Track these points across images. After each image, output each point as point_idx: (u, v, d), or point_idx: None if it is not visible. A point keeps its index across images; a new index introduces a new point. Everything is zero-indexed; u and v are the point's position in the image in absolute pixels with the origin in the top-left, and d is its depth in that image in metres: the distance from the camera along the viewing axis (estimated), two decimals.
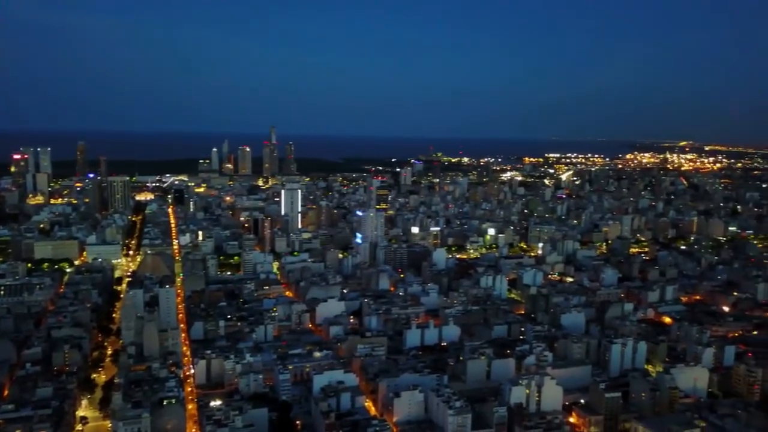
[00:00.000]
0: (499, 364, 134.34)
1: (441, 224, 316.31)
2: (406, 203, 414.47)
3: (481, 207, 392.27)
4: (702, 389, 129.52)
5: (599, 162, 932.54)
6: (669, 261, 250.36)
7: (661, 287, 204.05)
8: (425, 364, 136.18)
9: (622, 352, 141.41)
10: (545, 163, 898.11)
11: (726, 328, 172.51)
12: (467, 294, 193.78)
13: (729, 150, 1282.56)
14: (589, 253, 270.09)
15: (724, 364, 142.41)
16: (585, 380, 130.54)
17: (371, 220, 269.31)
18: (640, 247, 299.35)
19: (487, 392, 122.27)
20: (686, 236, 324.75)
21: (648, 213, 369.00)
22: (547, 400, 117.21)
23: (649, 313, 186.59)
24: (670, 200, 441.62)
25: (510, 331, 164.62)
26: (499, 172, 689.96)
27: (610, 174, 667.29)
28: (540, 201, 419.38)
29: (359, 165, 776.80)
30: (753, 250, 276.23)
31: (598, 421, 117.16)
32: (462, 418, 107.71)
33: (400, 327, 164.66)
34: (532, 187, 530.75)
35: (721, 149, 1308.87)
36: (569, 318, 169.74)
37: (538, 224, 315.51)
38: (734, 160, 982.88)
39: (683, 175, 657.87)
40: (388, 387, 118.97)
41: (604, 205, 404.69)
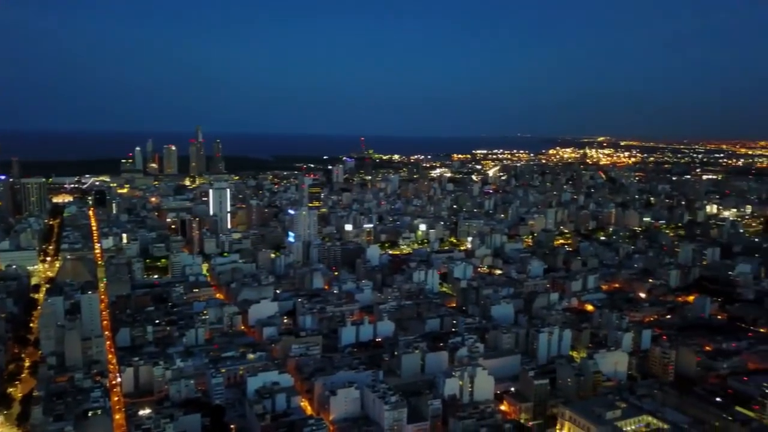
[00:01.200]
0: (432, 357, 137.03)
1: (374, 221, 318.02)
2: (338, 201, 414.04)
3: (413, 203, 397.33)
4: (622, 372, 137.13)
5: (524, 158, 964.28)
6: (590, 251, 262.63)
7: (584, 277, 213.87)
8: (360, 361, 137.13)
9: (548, 341, 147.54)
10: (473, 159, 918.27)
11: (642, 313, 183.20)
12: (401, 289, 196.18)
13: (642, 145, 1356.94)
14: (516, 245, 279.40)
15: (641, 348, 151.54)
16: (515, 369, 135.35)
17: (304, 218, 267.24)
18: (563, 238, 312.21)
19: (422, 385, 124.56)
20: (605, 227, 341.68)
21: (570, 206, 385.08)
22: (479, 390, 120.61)
23: (573, 301, 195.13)
24: (590, 193, 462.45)
25: (443, 325, 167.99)
26: (429, 169, 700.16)
27: (535, 169, 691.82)
28: (468, 196, 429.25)
29: (290, 163, 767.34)
30: (665, 239, 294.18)
31: (528, 407, 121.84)
32: (398, 412, 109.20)
33: (335, 325, 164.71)
34: (461, 183, 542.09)
35: (636, 144, 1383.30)
36: (499, 309, 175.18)
37: (467, 219, 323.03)
38: (647, 155, 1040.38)
39: (602, 170, 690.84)
40: (324, 385, 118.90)
41: (529, 199, 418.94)
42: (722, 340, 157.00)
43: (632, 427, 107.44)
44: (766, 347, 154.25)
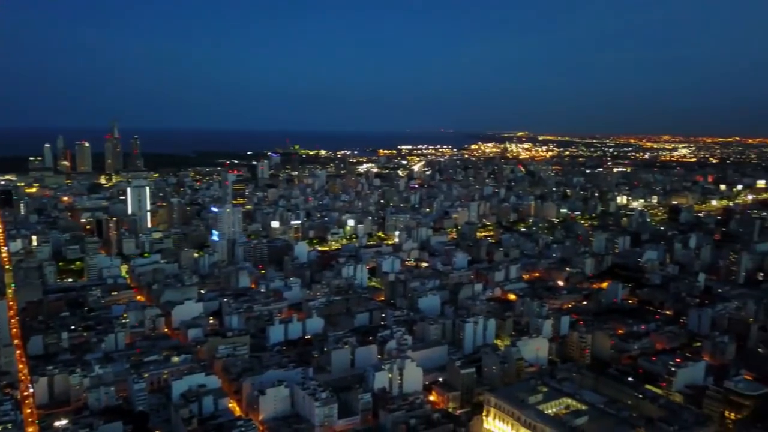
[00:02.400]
0: (362, 351, 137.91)
1: (301, 217, 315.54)
2: (264, 197, 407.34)
3: (340, 199, 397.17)
4: (543, 358, 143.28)
5: (448, 153, 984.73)
6: (511, 242, 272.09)
7: (506, 267, 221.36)
8: (290, 359, 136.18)
9: (474, 330, 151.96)
10: (398, 154, 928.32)
11: (561, 300, 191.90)
12: (330, 285, 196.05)
13: (559, 139, 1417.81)
14: (442, 238, 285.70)
15: (560, 334, 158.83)
16: (442, 359, 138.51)
17: (228, 216, 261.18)
18: (486, 230, 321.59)
19: (352, 380, 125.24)
20: (525, 219, 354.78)
21: (492, 199, 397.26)
22: (408, 382, 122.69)
23: (496, 291, 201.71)
24: (510, 187, 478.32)
25: (372, 319, 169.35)
26: (355, 164, 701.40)
27: (458, 164, 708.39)
28: (395, 191, 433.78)
29: (213, 159, 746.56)
30: (580, 230, 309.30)
31: (456, 396, 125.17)
32: (328, 408, 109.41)
33: (263, 324, 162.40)
34: (387, 178, 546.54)
35: (552, 139, 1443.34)
36: (426, 301, 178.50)
37: (394, 213, 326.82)
38: (563, 149, 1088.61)
39: (521, 164, 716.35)
40: (253, 385, 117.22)
41: (453, 193, 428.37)
42: (633, 324, 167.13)
43: (553, 409, 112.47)
44: (672, 328, 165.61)
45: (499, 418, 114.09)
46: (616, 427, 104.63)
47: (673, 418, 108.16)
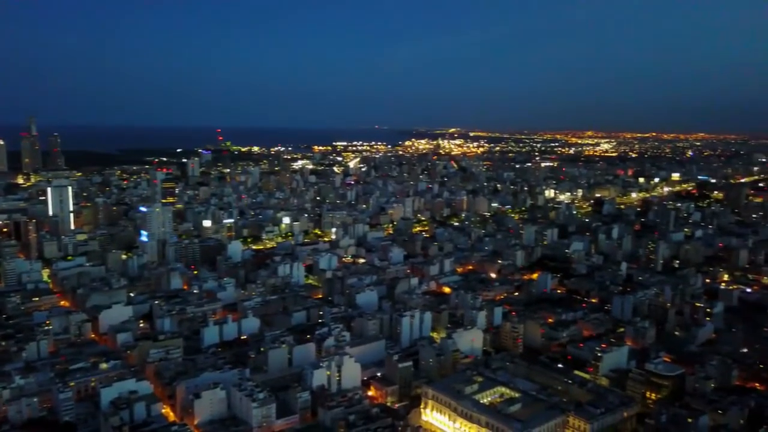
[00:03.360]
0: (300, 349, 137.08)
1: (234, 216, 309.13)
2: (195, 196, 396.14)
3: (275, 196, 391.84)
4: (478, 348, 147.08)
5: (382, 149, 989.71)
6: (445, 237, 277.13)
7: (440, 261, 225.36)
8: (226, 360, 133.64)
9: (411, 324, 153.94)
10: (334, 151, 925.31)
11: (494, 292, 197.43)
12: (265, 284, 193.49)
13: (489, 136, 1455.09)
14: (378, 234, 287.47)
15: (494, 324, 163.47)
16: (381, 354, 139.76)
17: (157, 215, 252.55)
18: (421, 226, 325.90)
19: (290, 379, 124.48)
20: (458, 213, 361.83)
21: (426, 194, 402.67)
22: (347, 378, 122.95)
23: (431, 285, 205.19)
24: (443, 182, 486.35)
25: (309, 316, 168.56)
26: (290, 160, 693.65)
27: (393, 160, 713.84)
28: (331, 188, 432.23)
29: (140, 156, 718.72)
30: (511, 223, 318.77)
31: (394, 390, 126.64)
32: (266, 409, 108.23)
33: (197, 326, 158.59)
34: (323, 174, 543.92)
35: (483, 135, 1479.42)
36: (363, 297, 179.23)
37: (331, 210, 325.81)
38: (494, 145, 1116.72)
39: (453, 159, 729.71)
40: (187, 389, 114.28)
41: (388, 189, 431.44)
42: (562, 312, 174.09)
43: (488, 398, 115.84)
44: (597, 316, 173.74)
45: (437, 409, 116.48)
46: (548, 412, 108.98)
47: (600, 401, 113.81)
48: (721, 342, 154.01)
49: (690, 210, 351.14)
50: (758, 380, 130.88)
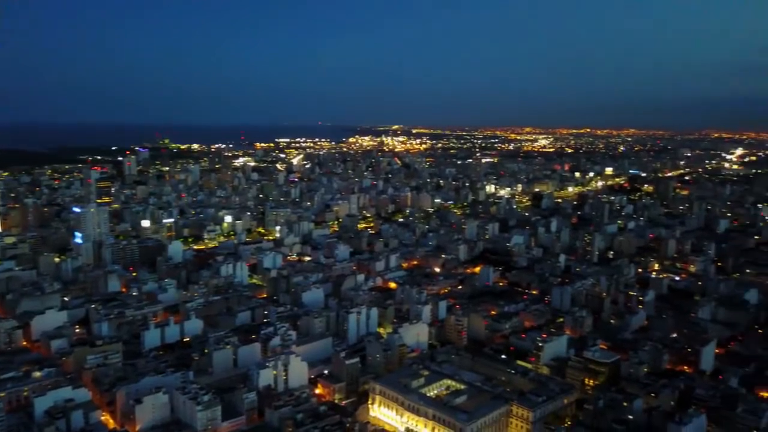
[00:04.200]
0: (245, 350, 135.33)
1: (174, 215, 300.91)
2: (133, 195, 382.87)
3: (216, 194, 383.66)
4: (424, 342, 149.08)
5: (326, 146, 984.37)
6: (390, 233, 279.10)
7: (386, 257, 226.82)
8: (168, 364, 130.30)
9: (357, 320, 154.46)
10: (276, 148, 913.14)
11: (438, 286, 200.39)
12: (208, 285, 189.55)
13: (431, 132, 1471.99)
14: (323, 231, 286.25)
15: (439, 318, 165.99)
16: (328, 352, 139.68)
17: (92, 216, 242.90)
18: (366, 222, 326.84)
19: (236, 380, 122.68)
20: (403, 209, 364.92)
21: (371, 191, 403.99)
22: (294, 377, 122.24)
23: (377, 281, 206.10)
24: (388, 179, 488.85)
25: (254, 316, 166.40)
26: (231, 158, 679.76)
27: (337, 157, 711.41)
28: (274, 185, 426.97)
29: (73, 155, 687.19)
30: (454, 218, 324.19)
31: (342, 387, 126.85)
32: (211, 411, 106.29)
33: (137, 329, 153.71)
34: (266, 172, 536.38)
35: (425, 132, 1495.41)
36: (309, 295, 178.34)
37: (274, 208, 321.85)
38: (436, 141, 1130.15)
39: (397, 156, 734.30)
40: (128, 394, 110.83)
41: (333, 186, 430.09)
42: (504, 304, 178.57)
43: (435, 391, 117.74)
44: (538, 307, 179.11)
45: (384, 404, 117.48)
46: (492, 402, 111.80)
47: (542, 389, 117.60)
48: (652, 328, 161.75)
49: (623, 203, 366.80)
50: (686, 363, 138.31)
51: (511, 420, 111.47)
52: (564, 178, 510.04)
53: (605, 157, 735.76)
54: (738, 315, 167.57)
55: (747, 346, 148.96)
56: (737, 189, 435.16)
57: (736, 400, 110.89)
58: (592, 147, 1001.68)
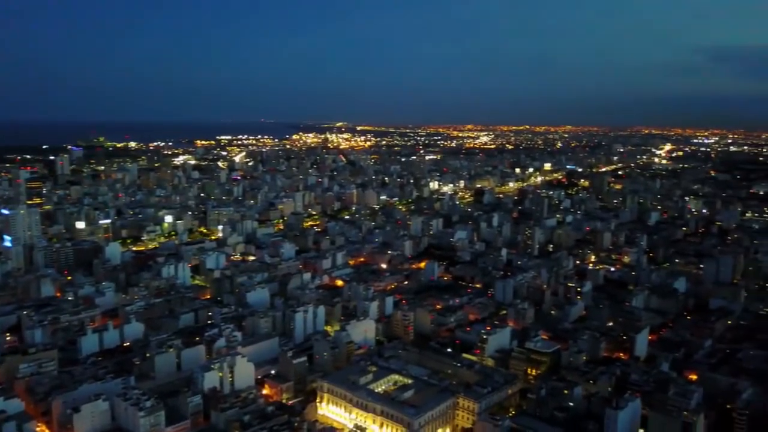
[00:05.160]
0: (188, 353, 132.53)
1: (111, 215, 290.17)
2: (66, 195, 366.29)
3: (156, 194, 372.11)
4: (371, 339, 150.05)
5: (269, 143, 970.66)
6: (337, 230, 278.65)
7: (333, 254, 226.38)
8: (107, 370, 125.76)
9: (304, 319, 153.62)
10: (218, 145, 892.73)
11: (385, 282, 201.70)
12: (148, 287, 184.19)
13: (375, 129, 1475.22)
14: (268, 230, 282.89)
15: (386, 314, 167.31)
16: (274, 352, 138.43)
17: (22, 218, 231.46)
18: (312, 220, 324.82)
19: (180, 384, 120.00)
20: (349, 207, 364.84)
21: (316, 189, 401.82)
22: (240, 379, 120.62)
23: (324, 279, 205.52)
24: (333, 176, 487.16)
25: (197, 318, 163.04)
26: (171, 156, 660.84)
27: (280, 154, 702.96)
28: (216, 184, 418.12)
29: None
30: (399, 215, 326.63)
31: (289, 387, 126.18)
32: (154, 417, 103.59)
33: (73, 335, 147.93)
34: (207, 170, 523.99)
35: (370, 129, 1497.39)
36: (254, 295, 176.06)
37: (216, 207, 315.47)
38: (380, 139, 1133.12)
39: (342, 153, 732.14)
40: (64, 403, 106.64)
41: (277, 183, 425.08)
42: (449, 298, 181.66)
43: (383, 387, 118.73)
44: (482, 300, 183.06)
45: (333, 402, 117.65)
46: (439, 395, 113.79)
47: (487, 381, 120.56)
48: (590, 318, 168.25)
49: (561, 197, 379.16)
50: (622, 350, 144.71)
51: (458, 412, 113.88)
52: (504, 174, 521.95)
53: (544, 153, 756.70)
54: (668, 303, 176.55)
55: (677, 332, 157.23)
56: (666, 183, 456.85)
57: (667, 383, 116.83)
58: (531, 143, 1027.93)
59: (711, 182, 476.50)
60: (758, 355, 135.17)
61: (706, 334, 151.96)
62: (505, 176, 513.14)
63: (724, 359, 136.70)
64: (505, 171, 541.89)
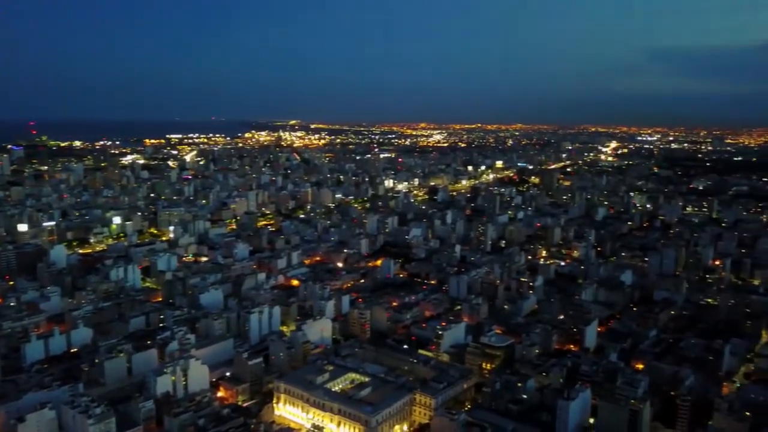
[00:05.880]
0: (140, 357, 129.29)
1: (56, 217, 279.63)
2: (6, 197, 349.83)
3: (103, 194, 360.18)
4: (328, 338, 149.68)
5: (221, 141, 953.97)
6: (292, 230, 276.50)
7: (288, 254, 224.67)
8: (54, 377, 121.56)
9: (259, 320, 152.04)
10: (168, 144, 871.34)
11: (341, 281, 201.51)
12: (96, 290, 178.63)
13: (330, 128, 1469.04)
14: (220, 230, 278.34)
15: (342, 312, 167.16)
16: (229, 353, 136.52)
17: None
18: (266, 219, 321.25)
19: (131, 389, 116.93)
20: (304, 206, 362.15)
21: (270, 188, 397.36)
22: (194, 382, 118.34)
23: (279, 279, 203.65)
24: (287, 175, 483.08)
25: (149, 321, 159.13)
26: (118, 155, 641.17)
27: (233, 153, 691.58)
28: (166, 183, 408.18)
29: None
30: (355, 213, 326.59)
31: (245, 388, 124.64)
32: (104, 424, 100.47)
33: (16, 342, 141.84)
34: (157, 169, 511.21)
35: (324, 127, 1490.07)
36: (208, 297, 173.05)
37: (167, 207, 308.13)
38: (334, 137, 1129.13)
39: (296, 152, 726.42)
40: (8, 413, 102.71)
41: (229, 183, 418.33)
42: (405, 295, 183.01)
43: (340, 386, 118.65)
44: (437, 296, 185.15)
45: (290, 402, 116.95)
46: (396, 392, 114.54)
47: (443, 376, 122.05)
48: (542, 311, 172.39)
49: (512, 194, 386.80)
50: (573, 342, 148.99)
51: (415, 408, 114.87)
52: (458, 172, 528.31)
53: (495, 151, 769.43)
54: (615, 295, 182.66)
55: (624, 323, 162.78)
56: (612, 179, 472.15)
57: (615, 373, 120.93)
58: (483, 141, 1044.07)
59: (654, 178, 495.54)
60: (699, 343, 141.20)
61: (651, 324, 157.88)
62: (458, 174, 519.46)
63: (668, 348, 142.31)
64: (458, 169, 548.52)
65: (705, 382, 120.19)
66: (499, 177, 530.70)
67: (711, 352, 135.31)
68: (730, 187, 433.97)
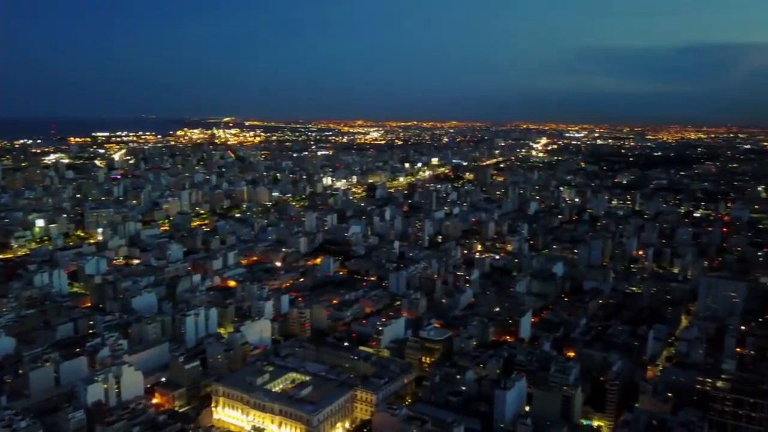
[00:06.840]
0: (68, 366, 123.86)
1: None
2: None
3: (24, 196, 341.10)
4: (267, 338, 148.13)
5: (151, 139, 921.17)
6: (227, 229, 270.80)
7: (224, 254, 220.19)
8: None
9: (195, 323, 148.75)
10: (94, 142, 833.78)
11: (280, 280, 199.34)
12: (19, 297, 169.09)
13: (265, 125, 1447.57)
14: (153, 231, 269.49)
15: (281, 312, 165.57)
16: (164, 358, 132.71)
17: None
18: (200, 219, 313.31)
19: (60, 400, 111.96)
20: (239, 205, 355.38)
21: (204, 187, 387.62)
22: (127, 389, 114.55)
23: (215, 280, 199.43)
24: (221, 173, 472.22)
25: (77, 328, 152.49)
26: (40, 155, 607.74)
27: (164, 151, 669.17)
28: (94, 183, 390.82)
29: None
30: (293, 211, 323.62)
31: (182, 393, 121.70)
32: None
33: None
34: (83, 169, 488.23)
35: (259, 124, 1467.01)
36: (140, 300, 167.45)
37: (95, 208, 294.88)
38: (270, 134, 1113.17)
39: (230, 149, 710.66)
40: None
41: (161, 182, 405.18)
42: (345, 293, 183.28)
43: (280, 386, 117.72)
44: (377, 292, 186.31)
45: (229, 405, 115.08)
46: (338, 390, 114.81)
47: (383, 372, 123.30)
48: (478, 304, 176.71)
49: (448, 190, 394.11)
50: (508, 334, 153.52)
51: (357, 405, 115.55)
52: (395, 169, 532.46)
53: (431, 148, 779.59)
54: (548, 286, 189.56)
55: (556, 313, 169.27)
56: (543, 174, 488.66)
57: (548, 361, 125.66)
58: (419, 139, 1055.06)
59: (582, 173, 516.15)
60: (625, 330, 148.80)
61: (581, 313, 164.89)
62: (395, 171, 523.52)
63: (597, 336, 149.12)
64: (396, 166, 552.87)
65: (631, 367, 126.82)
66: (435, 174, 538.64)
67: (636, 337, 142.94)
68: (651, 181, 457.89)
